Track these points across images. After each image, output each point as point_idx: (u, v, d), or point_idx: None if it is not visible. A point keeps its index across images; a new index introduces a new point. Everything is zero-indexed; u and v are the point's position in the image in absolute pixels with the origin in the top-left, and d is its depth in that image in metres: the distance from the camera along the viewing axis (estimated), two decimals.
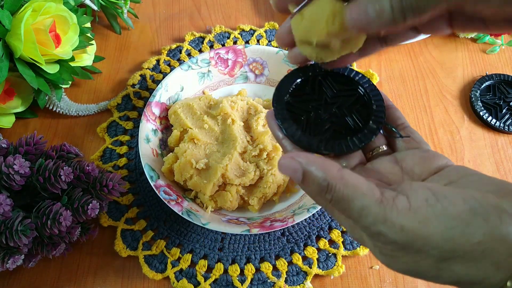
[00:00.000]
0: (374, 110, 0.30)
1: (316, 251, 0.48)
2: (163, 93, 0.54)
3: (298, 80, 0.32)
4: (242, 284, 0.46)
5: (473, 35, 0.67)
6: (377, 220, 0.22)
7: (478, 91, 0.61)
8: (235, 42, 0.66)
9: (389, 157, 0.29)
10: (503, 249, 0.20)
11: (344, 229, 0.50)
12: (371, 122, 0.29)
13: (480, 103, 0.59)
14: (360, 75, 0.32)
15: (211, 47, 0.66)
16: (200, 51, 0.66)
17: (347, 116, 0.30)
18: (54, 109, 0.58)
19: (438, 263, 0.22)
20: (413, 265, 0.23)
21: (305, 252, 0.48)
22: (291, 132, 0.29)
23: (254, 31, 0.67)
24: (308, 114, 0.30)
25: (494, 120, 0.58)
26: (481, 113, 0.59)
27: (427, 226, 0.21)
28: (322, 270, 0.47)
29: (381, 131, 0.30)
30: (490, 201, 0.21)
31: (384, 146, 0.30)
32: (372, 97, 0.31)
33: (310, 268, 0.47)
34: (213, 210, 0.49)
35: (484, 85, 0.61)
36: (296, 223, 0.49)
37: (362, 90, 0.31)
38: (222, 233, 0.50)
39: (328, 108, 0.30)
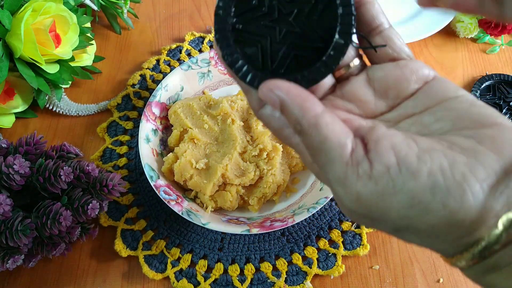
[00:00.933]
0: (339, 15, 0.23)
1: (316, 251, 0.48)
2: (163, 93, 0.54)
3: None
4: (242, 284, 0.46)
5: (473, 35, 0.67)
6: (337, 179, 0.21)
7: (478, 91, 0.61)
8: None
9: (362, 76, 0.25)
10: (457, 233, 0.20)
11: (345, 230, 0.50)
12: (337, 35, 0.23)
13: None
14: None
15: (211, 47, 0.66)
16: (200, 51, 0.66)
17: (307, 30, 0.23)
18: (54, 109, 0.58)
19: (394, 232, 0.22)
20: (371, 226, 0.23)
21: (305, 252, 0.48)
22: (244, 74, 0.24)
23: None
24: (261, 40, 0.24)
25: None
26: None
27: (383, 200, 0.20)
28: (322, 270, 0.47)
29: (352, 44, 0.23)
30: (458, 170, 0.19)
31: (356, 61, 0.25)
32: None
33: (310, 268, 0.47)
34: (213, 210, 0.49)
35: (484, 85, 0.61)
36: (296, 223, 0.49)
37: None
38: (222, 233, 0.50)
39: (283, 23, 0.23)
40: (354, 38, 0.24)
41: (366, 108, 0.25)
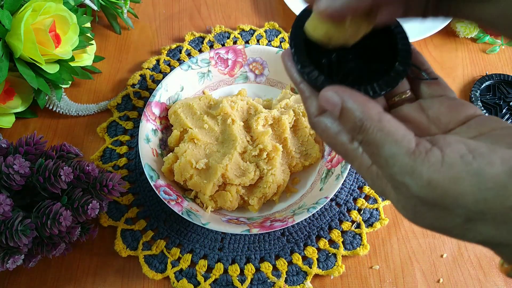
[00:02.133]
0: (400, 50, 0.27)
1: (316, 251, 0.48)
2: (163, 93, 0.54)
3: None
4: (242, 284, 0.46)
5: (473, 35, 0.67)
6: (403, 170, 0.21)
7: (478, 91, 0.61)
8: (235, 42, 0.66)
9: (414, 104, 0.27)
10: None
11: (345, 230, 0.50)
12: (397, 63, 0.27)
13: (480, 103, 0.59)
14: None
15: (211, 47, 0.66)
16: (200, 51, 0.66)
17: (371, 58, 0.27)
18: (54, 109, 0.58)
19: (465, 223, 0.21)
20: (438, 222, 0.22)
21: (305, 252, 0.48)
22: (313, 77, 0.26)
23: (254, 31, 0.67)
24: (329, 56, 0.27)
25: None
26: None
27: (458, 184, 0.20)
28: (322, 270, 0.47)
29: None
30: None
31: (408, 91, 0.28)
32: (397, 35, 0.28)
33: (310, 268, 0.47)
34: (213, 210, 0.49)
35: (484, 85, 0.61)
36: (296, 223, 0.49)
37: (387, 28, 0.28)
38: (222, 233, 0.50)
39: (351, 49, 0.27)
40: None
41: (419, 129, 0.26)
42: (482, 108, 0.59)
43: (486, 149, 0.21)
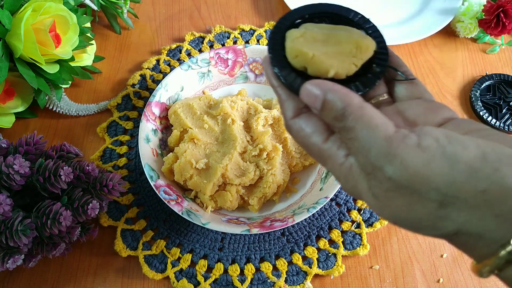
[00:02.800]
0: (376, 52, 0.28)
1: (316, 251, 0.48)
2: (163, 93, 0.54)
3: (296, 22, 0.29)
4: (242, 284, 0.46)
5: (473, 34, 0.67)
6: (380, 152, 0.21)
7: (478, 91, 0.61)
8: (235, 42, 0.66)
9: (391, 107, 0.28)
10: (510, 203, 0.19)
11: (345, 230, 0.50)
12: (374, 65, 0.27)
13: (480, 103, 0.59)
14: (360, 16, 0.29)
15: (211, 47, 0.66)
16: (200, 51, 0.66)
17: None
18: (54, 109, 0.58)
19: (437, 210, 0.21)
20: (407, 211, 0.22)
21: (305, 252, 0.48)
22: (290, 80, 0.26)
23: (254, 31, 0.67)
24: None
25: (494, 120, 0.58)
26: (481, 113, 0.59)
27: (431, 166, 0.20)
28: (322, 270, 0.47)
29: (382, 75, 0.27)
30: (506, 151, 0.20)
31: (385, 95, 0.29)
32: (374, 39, 0.28)
33: (310, 268, 0.47)
34: (213, 210, 0.49)
35: (484, 85, 0.61)
36: (296, 223, 0.49)
37: (364, 32, 0.28)
38: (222, 233, 0.50)
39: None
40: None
41: None
42: (482, 108, 0.59)
43: (463, 137, 0.21)
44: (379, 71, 0.27)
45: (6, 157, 0.42)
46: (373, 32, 0.29)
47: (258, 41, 0.66)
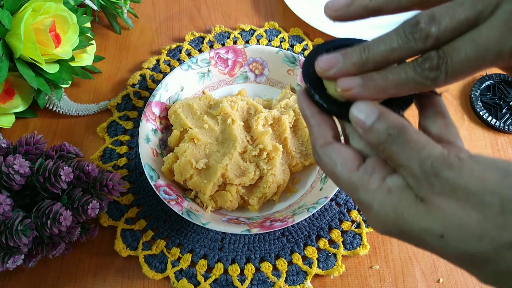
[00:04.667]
0: None
1: (316, 251, 0.48)
2: (163, 93, 0.54)
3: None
4: (242, 284, 0.46)
5: None
6: (436, 161, 0.22)
7: (478, 91, 0.61)
8: (235, 42, 0.66)
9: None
10: None
11: (345, 230, 0.50)
12: None
13: (480, 103, 0.59)
14: None
15: (211, 47, 0.66)
16: (200, 51, 0.66)
17: None
18: (54, 109, 0.58)
19: (495, 216, 0.20)
20: (457, 216, 0.21)
21: (305, 252, 0.48)
22: (333, 107, 0.27)
23: (254, 31, 0.67)
24: None
25: (494, 120, 0.58)
26: (481, 113, 0.59)
27: (487, 173, 0.21)
28: (322, 270, 0.47)
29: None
30: None
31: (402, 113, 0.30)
32: None
33: (310, 268, 0.47)
34: (213, 210, 0.49)
35: (484, 85, 0.61)
36: (296, 223, 0.49)
37: None
38: (222, 233, 0.50)
39: None
40: None
41: None
42: (482, 108, 0.59)
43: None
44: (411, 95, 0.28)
45: (6, 157, 0.42)
46: None
47: (258, 41, 0.66)
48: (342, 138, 0.29)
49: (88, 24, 0.60)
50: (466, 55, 0.22)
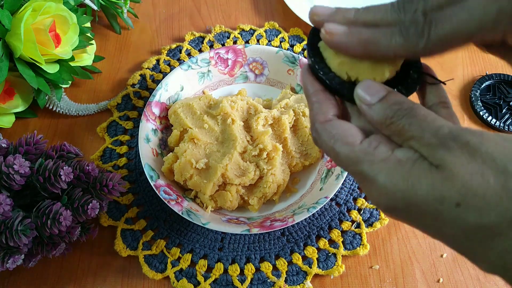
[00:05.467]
0: (412, 62, 0.29)
1: (316, 251, 0.48)
2: (163, 93, 0.54)
3: None
4: (242, 284, 0.46)
5: None
6: (451, 131, 0.22)
7: (478, 91, 0.61)
8: (235, 42, 0.66)
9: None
10: None
11: (345, 230, 0.50)
12: (411, 71, 0.28)
13: (480, 103, 0.59)
14: None
15: (211, 46, 0.66)
16: (200, 51, 0.66)
17: None
18: (54, 109, 0.58)
19: (508, 182, 0.19)
20: (476, 182, 0.20)
21: (305, 252, 0.48)
22: (336, 83, 0.27)
23: (254, 31, 0.67)
24: None
25: (494, 120, 0.58)
26: (481, 113, 0.59)
27: (506, 142, 0.20)
28: (322, 270, 0.47)
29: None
30: None
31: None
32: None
33: (310, 268, 0.47)
34: (213, 210, 0.49)
35: (484, 84, 0.61)
36: (296, 223, 0.49)
37: None
38: (222, 233, 0.50)
39: None
40: None
41: None
42: (482, 108, 0.59)
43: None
44: (417, 77, 0.28)
45: (6, 157, 0.42)
46: None
47: (258, 41, 0.66)
48: None
49: (88, 24, 0.60)
50: (452, 24, 0.23)
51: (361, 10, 0.26)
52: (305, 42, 0.66)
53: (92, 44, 0.60)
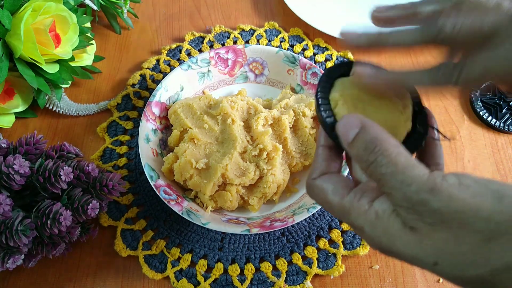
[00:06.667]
0: (416, 112, 0.29)
1: (316, 251, 0.48)
2: (163, 93, 0.54)
3: (339, 79, 0.31)
4: (242, 284, 0.46)
5: None
6: (421, 188, 0.21)
7: (478, 91, 0.60)
8: (235, 42, 0.66)
9: None
10: None
11: (345, 230, 0.50)
12: (417, 125, 0.28)
13: (480, 103, 0.59)
14: None
15: (211, 47, 0.66)
16: (200, 51, 0.66)
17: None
18: (54, 109, 0.58)
19: (485, 242, 0.20)
20: (453, 243, 0.21)
21: (305, 252, 0.48)
22: (325, 116, 0.28)
23: (254, 31, 0.67)
24: None
25: (494, 120, 0.58)
26: (481, 113, 0.59)
27: (478, 198, 0.20)
28: (322, 270, 0.47)
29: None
30: None
31: None
32: (412, 99, 0.29)
33: (310, 268, 0.47)
34: (213, 210, 0.49)
35: (484, 84, 0.61)
36: (296, 223, 0.49)
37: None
38: (222, 233, 0.50)
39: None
40: None
41: None
42: (482, 108, 0.59)
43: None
44: (423, 132, 0.28)
45: (6, 157, 0.42)
46: (412, 92, 0.30)
47: (258, 41, 0.66)
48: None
49: (88, 24, 0.60)
50: (479, 71, 0.25)
51: (384, 33, 0.28)
52: (305, 42, 0.66)
53: (92, 44, 0.60)
